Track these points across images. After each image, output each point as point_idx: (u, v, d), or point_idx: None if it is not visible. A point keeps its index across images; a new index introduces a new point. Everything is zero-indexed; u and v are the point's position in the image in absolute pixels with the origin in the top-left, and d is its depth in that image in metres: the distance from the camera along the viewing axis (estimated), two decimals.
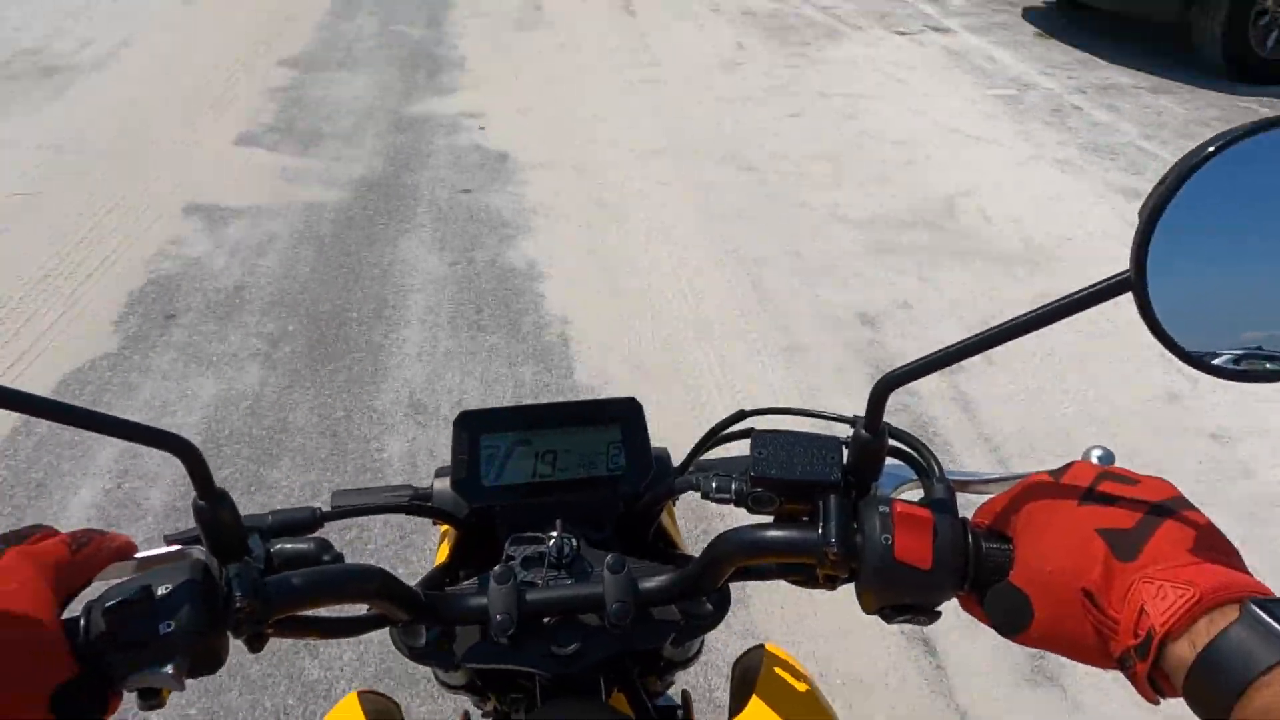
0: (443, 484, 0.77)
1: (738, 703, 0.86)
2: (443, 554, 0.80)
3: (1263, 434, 2.63)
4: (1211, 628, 0.44)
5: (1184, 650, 0.44)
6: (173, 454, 0.50)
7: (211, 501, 0.54)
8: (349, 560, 0.64)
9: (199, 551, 0.63)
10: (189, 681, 0.52)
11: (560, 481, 0.75)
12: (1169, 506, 0.51)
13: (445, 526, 0.89)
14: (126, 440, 0.49)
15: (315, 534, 0.66)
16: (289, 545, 0.63)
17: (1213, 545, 0.49)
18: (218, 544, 0.55)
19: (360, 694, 0.79)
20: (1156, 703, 0.48)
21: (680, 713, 0.99)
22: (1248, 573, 0.47)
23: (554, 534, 0.71)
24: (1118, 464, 0.59)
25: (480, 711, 0.95)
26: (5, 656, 0.47)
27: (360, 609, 0.64)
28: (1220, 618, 0.44)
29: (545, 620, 0.68)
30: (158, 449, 0.50)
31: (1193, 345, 0.46)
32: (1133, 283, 0.45)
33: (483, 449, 0.75)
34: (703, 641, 0.82)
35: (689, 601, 0.69)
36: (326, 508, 0.71)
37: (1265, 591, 0.46)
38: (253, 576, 0.55)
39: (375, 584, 0.60)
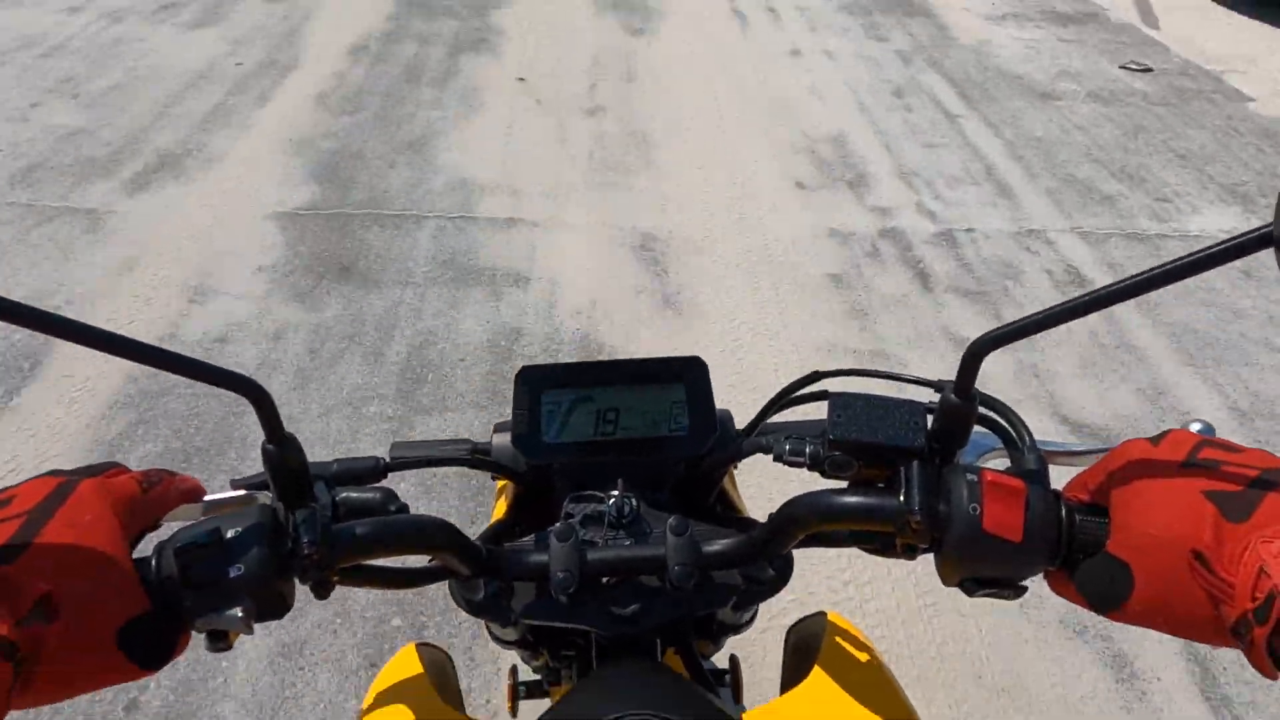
0: (502, 439, 0.76)
1: (793, 672, 0.84)
2: (500, 509, 0.79)
3: None
4: None
5: None
6: (242, 395, 0.49)
7: (280, 446, 0.52)
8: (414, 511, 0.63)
9: (266, 497, 0.62)
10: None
11: (621, 440, 0.74)
12: (1277, 473, 0.48)
13: (503, 481, 0.88)
14: (194, 379, 0.48)
15: (380, 484, 0.65)
16: (354, 494, 0.62)
17: None
18: (285, 490, 0.54)
19: (418, 645, 0.79)
20: (1274, 677, 0.45)
21: (728, 677, 0.98)
22: None
23: (614, 493, 0.70)
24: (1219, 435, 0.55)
25: (530, 667, 0.95)
26: (78, 586, 0.47)
27: (422, 560, 0.63)
28: None
29: (604, 580, 0.66)
30: (227, 390, 0.49)
31: None
32: (1275, 238, 0.41)
33: (544, 405, 0.73)
34: (758, 608, 0.81)
35: (750, 566, 0.67)
36: (388, 458, 0.70)
37: None
38: (320, 524, 0.54)
39: (440, 536, 0.59)
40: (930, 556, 0.58)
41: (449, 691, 0.80)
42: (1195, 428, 0.59)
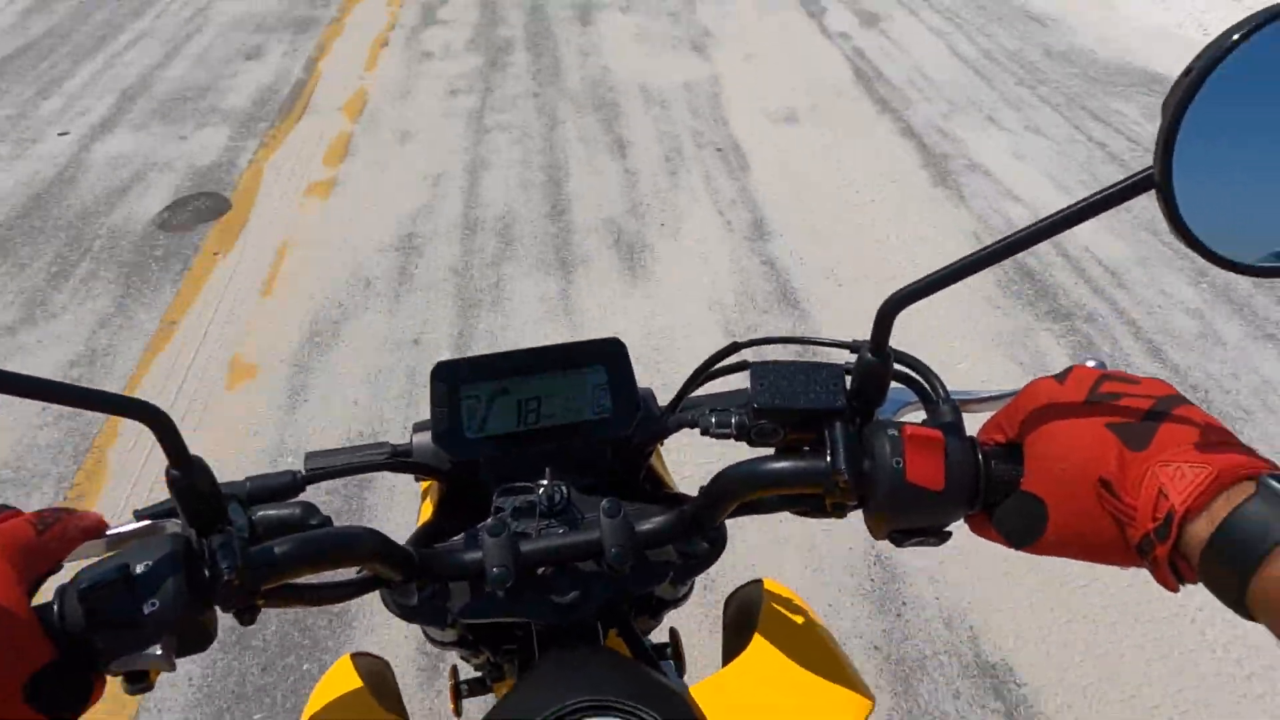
0: (423, 438, 0.74)
1: (734, 640, 0.85)
2: (427, 511, 0.77)
3: None
4: (1229, 503, 0.44)
5: (1202, 528, 0.45)
6: (141, 422, 0.46)
7: (186, 470, 0.49)
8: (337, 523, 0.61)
9: (176, 525, 0.59)
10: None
11: (546, 428, 0.73)
12: (1170, 401, 0.52)
13: (428, 483, 0.86)
14: (91, 410, 0.44)
15: (298, 498, 0.62)
16: (272, 512, 0.59)
17: (1219, 433, 0.49)
18: (195, 516, 0.51)
19: (354, 656, 0.76)
20: (1176, 589, 0.48)
21: (670, 650, 0.99)
22: (1261, 457, 0.47)
23: (544, 482, 0.69)
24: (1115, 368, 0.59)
25: (471, 665, 0.94)
26: None
27: (351, 572, 0.61)
28: (1237, 493, 0.44)
29: (540, 570, 0.66)
30: (127, 418, 0.46)
31: (1219, 245, 0.45)
32: (1157, 181, 0.43)
33: (463, 400, 0.71)
34: (694, 580, 0.81)
35: (685, 541, 0.68)
36: (303, 470, 0.67)
37: (1276, 468, 0.46)
38: (237, 547, 0.51)
39: (367, 546, 0.57)
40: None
41: (389, 699, 0.78)
42: (1091, 364, 0.62)
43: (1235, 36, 0.40)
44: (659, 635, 1.08)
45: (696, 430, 0.66)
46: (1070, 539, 0.52)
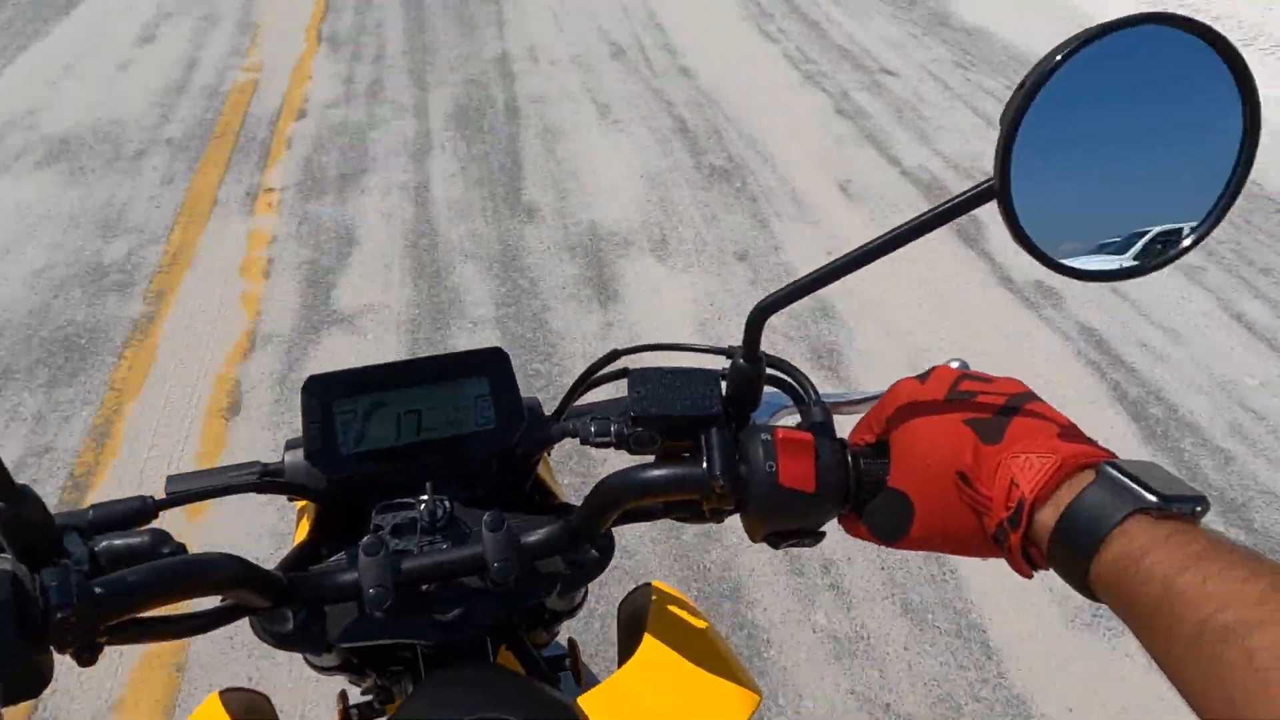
0: (295, 457, 0.71)
1: (628, 642, 0.85)
2: (302, 533, 0.74)
3: None
4: (1071, 491, 0.47)
5: (1049, 516, 0.47)
6: None
7: (12, 501, 0.46)
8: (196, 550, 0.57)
9: (3, 560, 0.55)
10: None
11: (426, 442, 0.71)
12: (1022, 398, 0.54)
13: (303, 503, 0.83)
14: None
15: (150, 525, 0.58)
16: (117, 541, 0.55)
17: (1067, 426, 0.52)
18: (25, 548, 0.47)
19: (223, 693, 0.72)
20: (1030, 575, 0.51)
21: (568, 661, 0.98)
22: (1104, 448, 0.50)
23: (424, 498, 0.67)
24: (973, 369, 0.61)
25: (359, 690, 0.91)
26: None
27: (212, 601, 0.58)
28: (1079, 481, 0.47)
29: (424, 588, 0.64)
30: None
31: (1055, 250, 0.47)
32: (996, 191, 0.45)
33: (337, 415, 0.69)
34: (587, 589, 0.81)
35: (571, 551, 0.67)
36: (165, 494, 0.63)
37: (1118, 458, 0.49)
38: (73, 581, 0.47)
39: (224, 573, 0.54)
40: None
41: None
42: (954, 364, 0.65)
43: (1059, 57, 0.42)
44: (559, 646, 1.07)
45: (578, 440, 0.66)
46: (935, 532, 0.54)
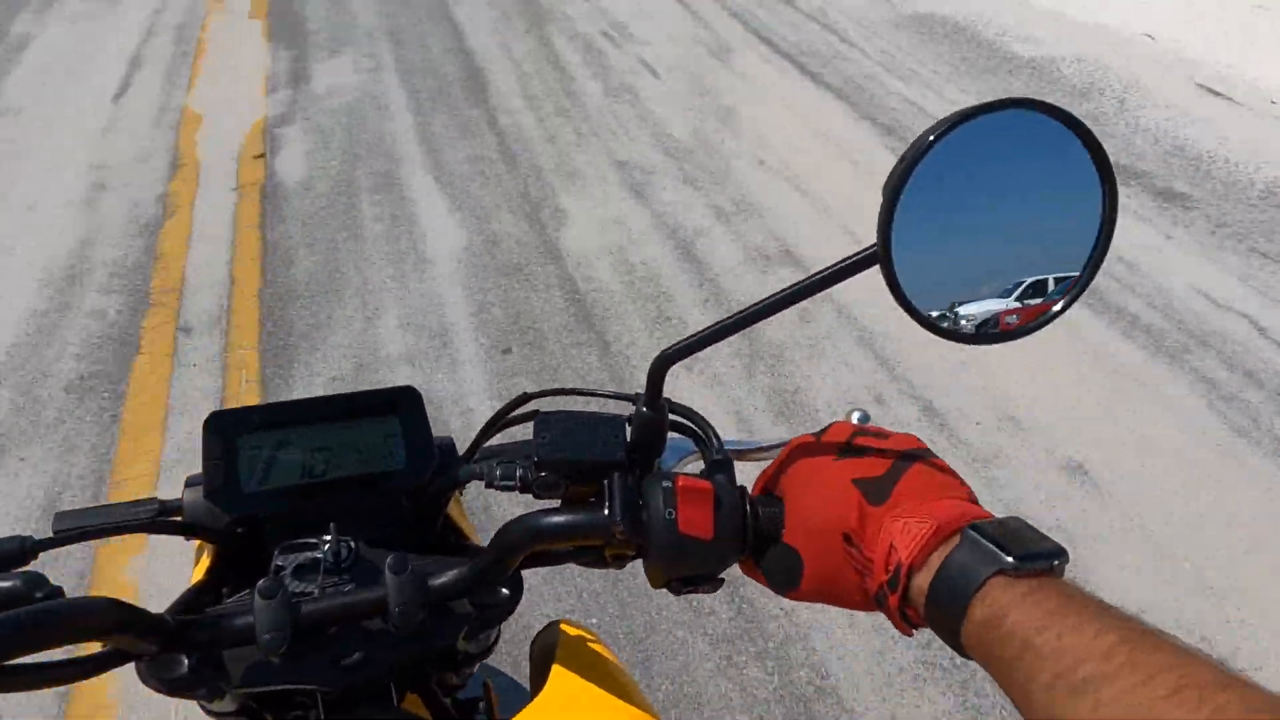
0: (195, 494, 0.69)
1: (538, 680, 0.85)
2: (200, 573, 0.72)
3: None
4: (942, 555, 0.48)
5: (923, 579, 0.49)
6: None
7: None
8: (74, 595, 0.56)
9: None
10: None
11: (333, 481, 0.70)
12: (914, 455, 0.56)
13: (201, 543, 0.81)
14: None
15: (25, 568, 0.57)
16: None
17: (950, 485, 0.54)
18: None
19: None
20: (909, 634, 0.53)
21: (482, 704, 0.97)
22: (980, 506, 0.53)
23: (327, 538, 0.66)
24: (872, 423, 0.64)
25: None
26: None
27: (92, 647, 0.56)
28: (949, 545, 0.49)
29: (331, 630, 0.63)
30: None
31: (935, 311, 0.50)
32: (879, 256, 0.48)
33: (241, 452, 0.68)
34: (499, 630, 0.81)
35: (478, 593, 0.67)
36: (49, 533, 0.61)
37: (991, 517, 0.51)
38: None
39: (103, 618, 0.52)
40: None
41: None
42: (855, 417, 0.67)
43: (931, 138, 0.45)
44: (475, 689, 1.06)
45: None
46: (824, 588, 0.56)
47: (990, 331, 0.51)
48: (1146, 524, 2.16)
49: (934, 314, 0.50)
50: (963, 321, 0.51)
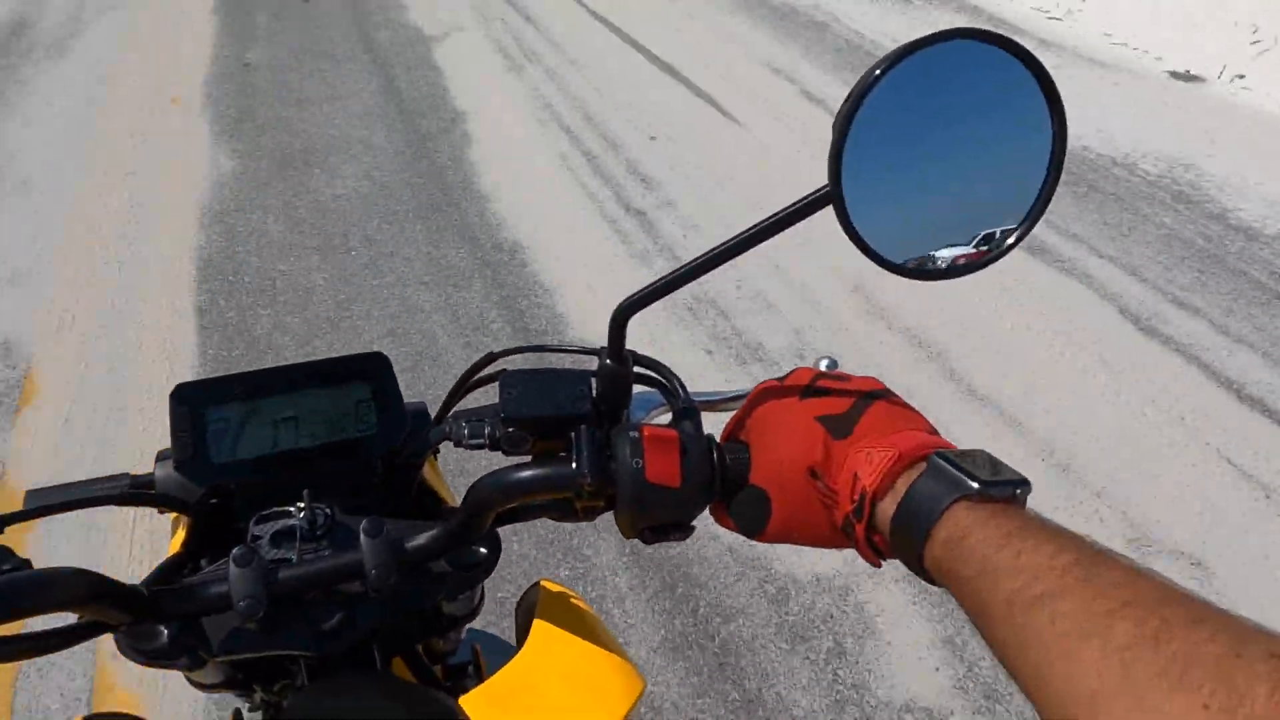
0: (166, 468, 0.69)
1: (523, 639, 0.86)
2: (176, 546, 0.72)
3: None
4: (907, 482, 0.49)
5: (888, 506, 0.50)
6: None
7: None
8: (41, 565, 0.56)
9: None
10: None
11: (306, 449, 0.70)
12: (876, 394, 0.57)
13: (177, 515, 0.81)
14: None
15: None
16: None
17: (912, 419, 0.55)
18: None
19: (90, 718, 0.69)
20: (878, 565, 0.54)
21: (471, 667, 0.98)
22: (941, 437, 0.53)
23: (300, 505, 0.66)
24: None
25: (247, 706, 0.89)
26: None
27: (67, 618, 0.56)
28: (914, 472, 0.49)
29: (310, 596, 0.63)
30: None
31: (889, 250, 0.50)
32: (832, 197, 0.48)
33: (209, 423, 0.68)
34: (483, 591, 0.81)
35: (455, 553, 0.67)
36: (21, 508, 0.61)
37: (954, 448, 0.52)
38: None
39: (75, 589, 0.53)
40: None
41: None
42: (824, 364, 0.67)
43: (878, 71, 0.45)
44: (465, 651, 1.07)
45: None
46: (792, 526, 0.57)
47: (947, 267, 0.51)
48: None
49: (892, 255, 0.50)
50: (918, 263, 0.51)
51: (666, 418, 0.65)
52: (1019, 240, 0.51)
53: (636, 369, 0.63)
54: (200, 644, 0.62)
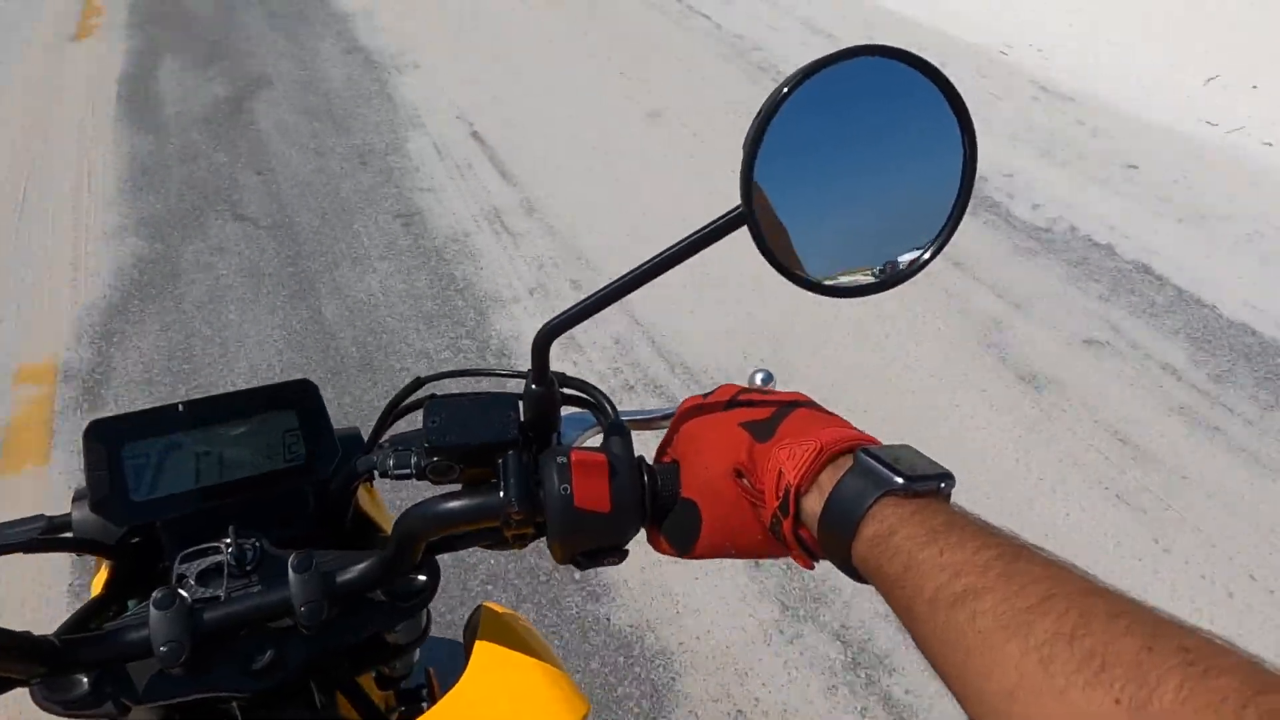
0: (84, 509, 0.67)
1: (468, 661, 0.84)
2: (98, 589, 0.70)
3: None
4: (832, 477, 0.49)
5: (814, 502, 0.49)
6: None
7: None
8: None
9: None
10: None
11: (232, 481, 0.68)
12: (796, 403, 0.57)
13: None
14: None
15: None
16: None
17: (834, 421, 0.55)
18: None
19: None
20: (811, 567, 0.53)
21: (425, 690, 0.96)
22: (867, 435, 0.53)
23: (227, 540, 0.64)
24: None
25: None
26: None
27: None
28: (838, 468, 0.49)
29: (241, 634, 0.61)
30: None
31: (804, 267, 0.49)
32: (745, 215, 0.47)
33: (126, 461, 0.65)
34: (429, 615, 0.80)
35: (389, 584, 0.66)
36: None
37: (878, 444, 0.52)
38: None
39: None
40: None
41: None
42: (759, 378, 0.67)
43: (786, 89, 0.45)
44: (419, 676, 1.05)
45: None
46: (723, 533, 0.56)
47: (857, 285, 0.51)
48: None
49: (810, 274, 0.50)
50: (830, 283, 0.51)
51: (598, 439, 0.64)
52: (932, 258, 0.51)
53: (565, 390, 0.62)
54: (123, 691, 0.59)
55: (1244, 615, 1.86)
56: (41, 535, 0.64)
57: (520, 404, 0.61)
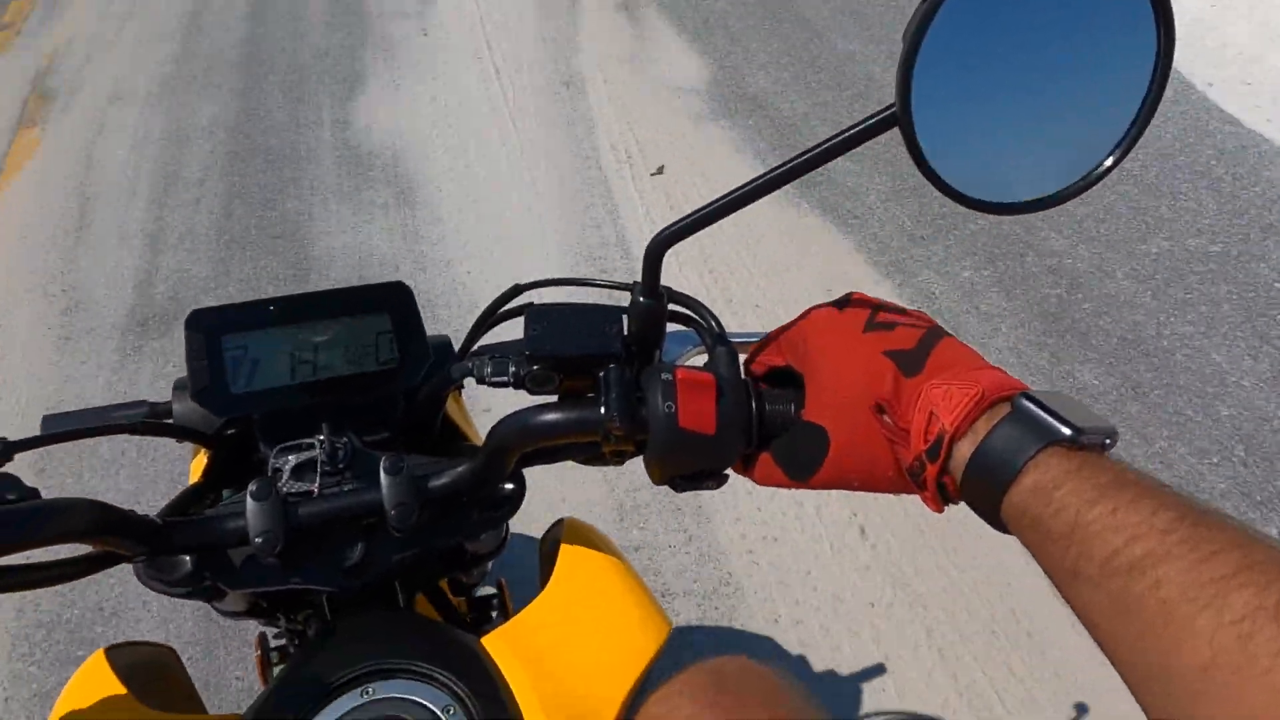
0: (184, 398, 0.67)
1: (546, 575, 0.84)
2: (196, 476, 0.71)
3: None
4: (989, 422, 0.45)
5: (966, 448, 0.46)
6: None
7: None
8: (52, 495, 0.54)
9: None
10: None
11: (326, 380, 0.67)
12: (937, 332, 0.52)
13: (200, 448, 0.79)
14: None
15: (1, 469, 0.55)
16: None
17: (980, 360, 0.51)
18: None
19: (111, 650, 0.67)
20: (941, 510, 0.50)
21: (496, 600, 0.97)
22: (1019, 381, 0.49)
23: (321, 438, 0.64)
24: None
25: (273, 632, 0.89)
26: None
27: (79, 549, 0.54)
28: (996, 413, 0.45)
29: (331, 531, 0.61)
30: None
31: (962, 180, 0.44)
32: (899, 118, 0.42)
33: (226, 352, 0.65)
34: (508, 528, 0.79)
35: (477, 493, 0.65)
36: (37, 432, 0.59)
37: (1032, 390, 0.47)
38: None
39: (83, 519, 0.51)
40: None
41: (168, 693, 0.70)
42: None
43: None
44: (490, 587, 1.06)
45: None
46: (849, 467, 0.52)
47: (1026, 201, 0.46)
48: None
49: (960, 186, 0.44)
50: (996, 194, 0.46)
51: (701, 359, 0.60)
52: (1116, 164, 0.45)
53: (671, 306, 0.59)
54: (221, 575, 0.60)
55: None
56: (147, 420, 0.65)
57: (624, 317, 0.58)
